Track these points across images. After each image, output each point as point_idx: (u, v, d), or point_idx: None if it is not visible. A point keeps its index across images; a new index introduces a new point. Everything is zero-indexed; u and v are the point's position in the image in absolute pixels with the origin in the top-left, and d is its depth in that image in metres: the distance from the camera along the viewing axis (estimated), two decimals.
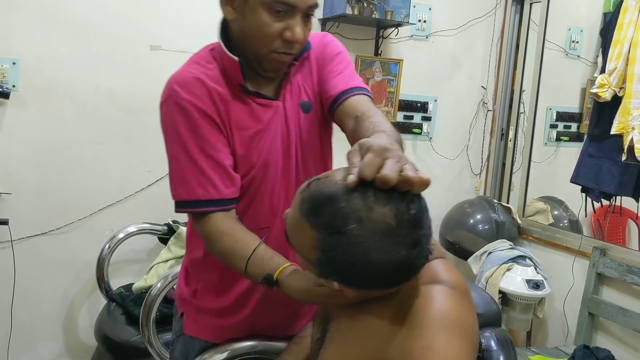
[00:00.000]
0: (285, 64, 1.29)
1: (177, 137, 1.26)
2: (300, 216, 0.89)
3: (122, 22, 2.72)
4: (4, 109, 2.58)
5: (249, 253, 1.18)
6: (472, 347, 0.90)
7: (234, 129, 1.29)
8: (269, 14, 1.20)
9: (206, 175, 1.25)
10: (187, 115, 1.25)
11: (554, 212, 3.42)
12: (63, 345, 2.85)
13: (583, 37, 3.59)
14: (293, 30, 1.21)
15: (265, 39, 1.22)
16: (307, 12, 1.23)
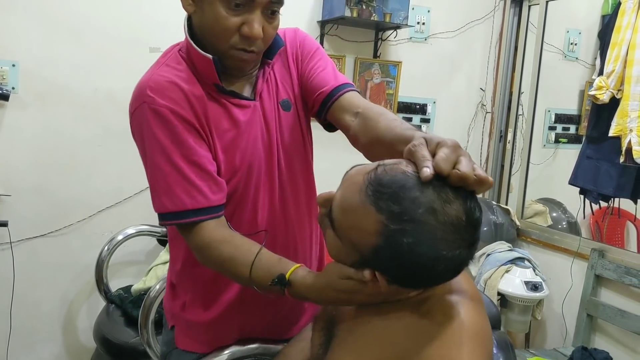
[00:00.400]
0: (248, 62, 1.22)
1: (157, 146, 1.18)
2: (365, 199, 0.86)
3: (121, 24, 2.72)
4: (3, 111, 2.58)
5: (252, 258, 1.12)
6: (490, 357, 0.90)
7: (213, 132, 1.23)
8: (226, 7, 1.13)
9: (192, 183, 1.18)
10: (165, 121, 1.18)
11: (553, 213, 3.42)
12: (62, 347, 2.85)
13: (581, 39, 3.60)
14: (251, 25, 1.14)
15: (223, 34, 1.16)
16: (269, 8, 1.16)
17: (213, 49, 1.20)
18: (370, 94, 3.27)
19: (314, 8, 3.09)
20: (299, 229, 1.38)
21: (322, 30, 3.12)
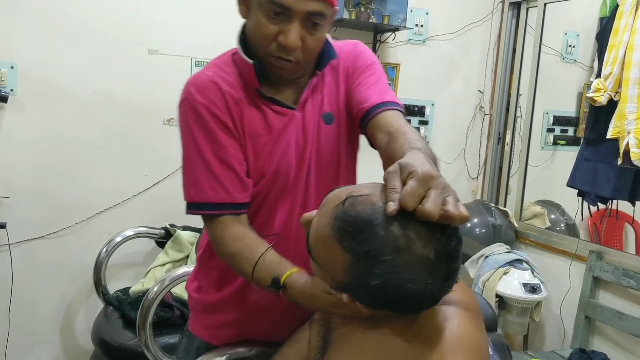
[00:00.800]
0: (285, 70, 1.24)
1: (191, 140, 1.24)
2: (332, 234, 0.86)
3: (120, 26, 2.73)
4: (2, 112, 2.59)
5: (256, 257, 1.16)
6: None
7: (246, 135, 1.26)
8: (266, 15, 1.17)
9: (218, 178, 1.23)
10: (200, 118, 1.23)
11: (551, 215, 3.43)
12: (60, 349, 2.85)
13: (579, 42, 3.61)
14: (286, 35, 1.16)
15: (262, 41, 1.19)
16: (309, 19, 1.17)
17: (256, 54, 1.24)
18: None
19: None
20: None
21: None
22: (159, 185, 2.86)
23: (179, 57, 2.85)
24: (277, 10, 1.14)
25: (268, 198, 1.31)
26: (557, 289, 3.07)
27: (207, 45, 2.89)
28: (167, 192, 2.89)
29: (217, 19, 2.88)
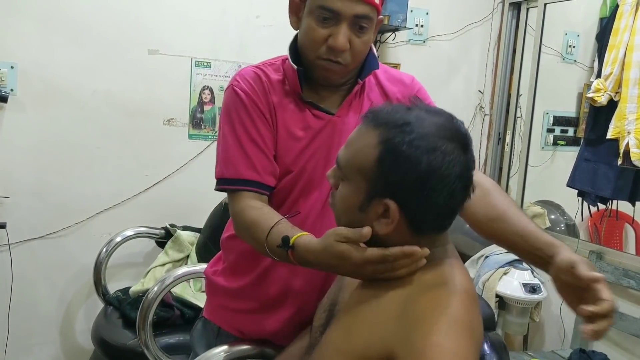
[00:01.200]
0: (334, 72, 1.31)
1: (229, 120, 1.33)
2: (364, 125, 0.99)
3: (120, 26, 2.73)
4: (2, 112, 2.59)
5: (272, 224, 1.19)
6: (478, 351, 0.91)
7: (280, 130, 1.34)
8: (316, 20, 1.25)
9: (250, 158, 1.31)
10: (242, 103, 1.32)
11: (551, 216, 3.42)
12: (60, 349, 2.85)
13: (579, 42, 3.61)
14: (336, 37, 1.24)
15: (312, 44, 1.27)
16: (356, 22, 1.25)
17: (306, 59, 1.32)
18: None
19: None
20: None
21: None
22: (159, 185, 2.86)
23: (179, 57, 2.85)
24: (326, 15, 1.23)
25: (292, 194, 1.37)
26: None
27: (207, 45, 2.90)
28: (167, 192, 2.89)
29: (217, 18, 2.88)
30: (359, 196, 0.97)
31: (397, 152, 0.92)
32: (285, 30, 3.31)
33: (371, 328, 0.95)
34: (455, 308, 0.91)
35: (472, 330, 0.90)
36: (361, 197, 0.97)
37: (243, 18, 2.94)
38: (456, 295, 0.93)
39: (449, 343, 0.85)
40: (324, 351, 1.03)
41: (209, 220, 2.77)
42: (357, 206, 0.98)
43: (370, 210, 0.96)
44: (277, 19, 3.02)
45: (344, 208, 1.01)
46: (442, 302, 0.91)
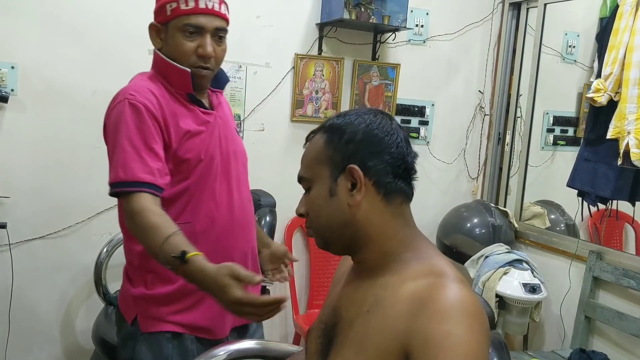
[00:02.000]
0: (206, 77, 1.59)
1: (126, 130, 1.48)
2: (324, 142, 1.09)
3: (120, 26, 2.73)
4: (2, 112, 2.59)
5: (171, 232, 1.34)
6: (488, 337, 0.94)
7: (181, 130, 1.54)
8: (184, 36, 1.53)
9: (146, 162, 1.46)
10: (138, 113, 1.48)
11: (551, 216, 3.43)
12: (60, 349, 2.85)
13: (579, 42, 3.61)
14: (204, 46, 1.53)
15: (184, 56, 1.54)
16: (216, 34, 1.56)
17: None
18: (369, 97, 3.28)
19: (313, 10, 3.10)
20: (245, 222, 1.69)
21: (321, 32, 3.13)
22: None
23: None
24: (192, 29, 1.53)
25: (202, 184, 1.58)
26: (557, 289, 3.08)
27: None
28: None
29: None
30: (326, 185, 1.07)
31: (337, 126, 1.08)
32: (286, 30, 3.34)
33: (383, 333, 0.97)
34: (463, 296, 0.94)
35: (479, 314, 0.93)
36: (327, 184, 1.07)
37: (243, 18, 2.94)
38: (458, 282, 0.97)
39: (461, 330, 0.89)
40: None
41: None
42: (328, 194, 1.07)
43: (340, 189, 1.06)
44: (277, 20, 3.03)
45: (319, 205, 1.09)
46: (447, 290, 0.95)
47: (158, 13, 1.58)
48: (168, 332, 1.55)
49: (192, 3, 1.52)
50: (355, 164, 1.04)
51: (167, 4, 1.54)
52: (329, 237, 1.10)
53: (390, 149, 1.06)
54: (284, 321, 3.29)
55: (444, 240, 3.34)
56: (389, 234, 1.06)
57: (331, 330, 1.11)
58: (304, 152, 1.15)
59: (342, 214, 1.06)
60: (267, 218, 2.46)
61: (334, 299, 1.17)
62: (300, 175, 1.13)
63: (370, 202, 1.05)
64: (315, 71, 3.13)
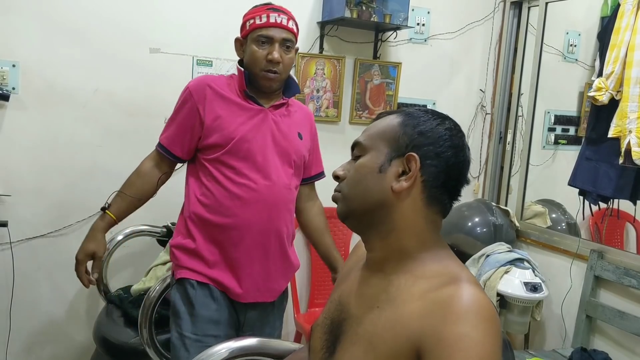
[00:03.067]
0: (274, 80, 1.93)
1: (176, 106, 2.01)
2: (400, 121, 1.11)
3: (121, 25, 2.73)
4: (3, 111, 2.59)
5: (123, 190, 2.09)
6: (500, 341, 0.93)
7: (223, 112, 1.93)
8: (257, 45, 1.90)
9: (170, 131, 2.02)
10: (184, 95, 1.98)
11: (552, 215, 3.42)
12: (61, 347, 2.86)
13: (581, 41, 3.61)
14: (272, 53, 1.88)
15: (256, 62, 1.90)
16: (284, 44, 1.91)
17: (253, 74, 1.94)
18: (370, 95, 3.28)
19: (314, 9, 3.10)
20: (272, 204, 1.96)
21: (322, 31, 3.12)
22: None
23: (181, 55, 2.86)
24: (264, 39, 1.89)
25: (237, 155, 1.91)
26: (558, 288, 3.07)
27: (209, 44, 2.90)
28: (169, 190, 2.86)
29: (218, 17, 2.89)
30: (379, 159, 1.08)
31: (416, 116, 1.10)
32: None
33: (395, 332, 0.97)
34: (478, 298, 0.94)
35: (493, 317, 0.93)
36: (381, 159, 1.08)
37: None
38: (473, 285, 0.97)
39: (476, 333, 0.89)
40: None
41: None
42: (377, 169, 1.07)
43: (390, 170, 1.06)
44: None
45: (362, 174, 1.09)
46: (463, 292, 0.94)
47: (241, 29, 1.97)
48: (193, 279, 1.91)
49: (265, 18, 1.88)
50: (416, 155, 1.05)
51: (247, 20, 1.92)
52: (355, 207, 1.10)
53: (453, 160, 1.07)
54: (285, 320, 3.28)
55: (445, 239, 3.26)
56: (415, 232, 1.07)
57: (338, 326, 1.10)
58: (370, 125, 1.16)
59: (380, 193, 1.06)
60: None
61: (342, 294, 1.15)
62: (358, 141, 1.13)
63: (411, 196, 1.06)
64: (316, 70, 3.13)
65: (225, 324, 1.91)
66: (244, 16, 1.96)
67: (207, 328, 1.88)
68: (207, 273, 1.91)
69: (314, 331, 1.18)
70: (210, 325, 1.88)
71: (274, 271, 1.97)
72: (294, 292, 3.15)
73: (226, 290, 1.92)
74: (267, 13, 1.89)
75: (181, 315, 1.91)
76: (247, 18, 1.93)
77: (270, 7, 1.92)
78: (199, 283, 1.90)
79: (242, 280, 1.91)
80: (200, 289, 1.90)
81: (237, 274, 1.91)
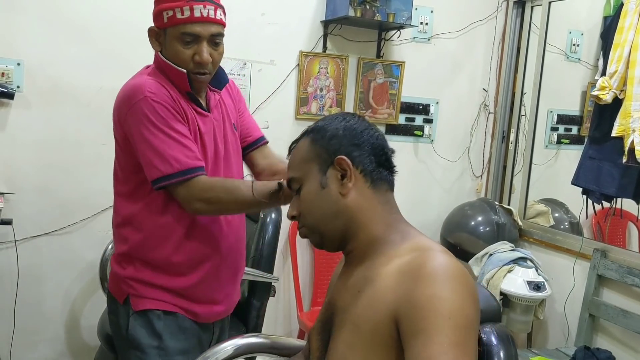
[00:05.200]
0: (204, 82, 1.64)
1: (155, 127, 1.53)
2: (311, 144, 1.18)
3: (126, 23, 2.74)
4: (8, 109, 2.60)
5: (250, 184, 1.54)
6: (474, 298, 0.98)
7: (189, 124, 1.60)
8: (181, 44, 1.56)
9: (190, 149, 1.54)
10: (165, 107, 1.54)
11: (555, 214, 3.43)
12: (65, 345, 2.86)
13: (583, 41, 3.61)
14: (200, 54, 1.56)
15: (182, 63, 1.58)
16: (212, 40, 1.59)
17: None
18: (374, 94, 3.28)
19: (317, 8, 3.11)
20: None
21: (326, 30, 3.13)
22: None
23: None
24: (189, 38, 1.56)
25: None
26: (561, 287, 3.08)
27: None
28: None
29: None
30: (316, 180, 1.14)
31: (318, 127, 1.18)
32: (290, 28, 3.34)
33: (373, 308, 1.01)
34: (446, 262, 0.99)
35: (462, 276, 0.98)
36: (318, 178, 1.14)
37: (248, 16, 2.95)
38: (442, 252, 1.02)
39: (446, 293, 0.94)
40: (335, 355, 1.07)
41: None
42: (319, 187, 1.14)
43: (330, 180, 1.13)
44: (281, 17, 3.03)
45: (311, 201, 1.15)
46: (430, 259, 1.00)
47: (156, 18, 1.62)
48: (158, 309, 1.63)
49: (188, 12, 1.54)
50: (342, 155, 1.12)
51: (164, 11, 1.57)
52: (323, 231, 1.15)
53: (371, 141, 1.15)
54: (288, 318, 3.29)
55: (448, 238, 3.34)
56: (377, 219, 1.13)
57: (328, 322, 1.14)
58: (289, 159, 1.22)
59: (334, 204, 1.12)
60: (272, 215, 2.46)
61: (331, 296, 1.20)
62: (290, 177, 1.19)
63: (359, 190, 1.12)
64: (319, 69, 3.13)
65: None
66: (157, 1, 1.63)
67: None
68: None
69: (310, 336, 1.23)
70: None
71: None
72: (297, 290, 3.15)
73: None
74: (189, 5, 1.55)
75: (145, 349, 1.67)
76: (164, 7, 1.58)
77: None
78: (166, 313, 1.68)
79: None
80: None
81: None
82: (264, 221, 2.45)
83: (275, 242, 2.47)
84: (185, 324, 1.66)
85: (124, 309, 1.68)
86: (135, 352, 1.65)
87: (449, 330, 0.90)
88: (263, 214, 2.49)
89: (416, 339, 0.91)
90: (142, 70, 1.72)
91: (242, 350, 1.35)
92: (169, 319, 1.64)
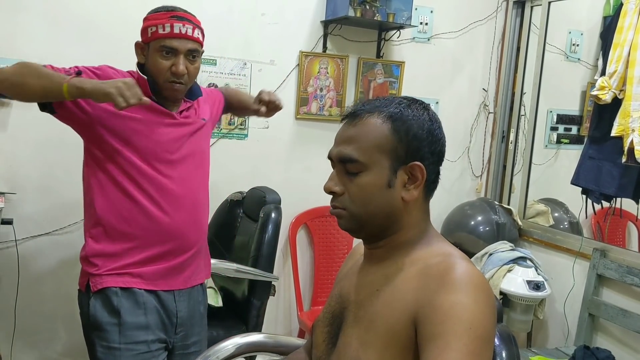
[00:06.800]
0: (178, 91, 1.83)
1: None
2: (357, 119, 1.12)
3: (126, 23, 2.73)
4: (9, 109, 2.60)
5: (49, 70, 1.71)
6: (493, 312, 0.97)
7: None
8: (160, 55, 1.78)
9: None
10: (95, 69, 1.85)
11: (555, 213, 3.43)
12: (66, 344, 2.87)
13: (583, 40, 3.61)
14: (177, 66, 1.77)
15: (160, 73, 1.79)
16: (189, 54, 1.80)
17: (156, 84, 1.81)
18: (374, 94, 3.28)
19: (317, 8, 3.11)
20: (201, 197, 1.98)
21: (326, 30, 3.13)
22: None
23: None
24: (167, 50, 1.77)
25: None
26: (560, 287, 3.08)
27: (213, 43, 2.90)
28: None
29: (222, 16, 2.89)
30: (384, 175, 1.07)
31: (404, 117, 1.08)
32: (290, 28, 3.34)
33: (392, 308, 1.01)
34: (471, 271, 0.99)
35: (485, 286, 0.98)
36: (387, 174, 1.07)
37: (249, 16, 2.95)
38: (467, 261, 1.02)
39: (470, 302, 0.94)
40: (347, 350, 1.06)
41: (214, 217, 2.78)
42: (385, 185, 1.07)
43: (397, 182, 1.07)
44: (282, 17, 3.03)
45: (371, 193, 1.08)
46: (456, 266, 0.99)
47: (142, 33, 1.86)
48: (115, 286, 1.79)
49: (169, 29, 1.77)
50: (418, 161, 1.08)
51: (149, 27, 1.82)
52: (366, 223, 1.10)
53: (442, 150, 1.14)
54: (288, 317, 3.30)
55: (448, 237, 3.32)
56: (417, 225, 1.11)
57: (339, 316, 1.13)
58: (351, 130, 1.11)
59: (391, 206, 1.08)
60: (273, 215, 2.46)
61: (342, 289, 1.18)
62: (354, 158, 1.08)
63: (416, 198, 1.09)
64: (319, 69, 3.14)
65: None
66: (145, 20, 1.89)
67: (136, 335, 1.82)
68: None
69: (315, 328, 1.21)
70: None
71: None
72: (297, 290, 3.16)
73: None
74: (170, 22, 1.78)
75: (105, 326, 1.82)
76: (149, 24, 1.84)
77: (174, 15, 1.82)
78: (122, 290, 1.83)
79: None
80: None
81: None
82: (264, 221, 2.46)
83: (275, 242, 2.48)
84: (144, 298, 1.79)
85: (86, 295, 1.85)
86: (96, 332, 1.83)
87: (467, 340, 0.90)
88: (263, 213, 2.49)
89: (434, 343, 0.91)
90: (129, 71, 1.92)
91: (243, 349, 1.35)
92: (125, 294, 1.78)
